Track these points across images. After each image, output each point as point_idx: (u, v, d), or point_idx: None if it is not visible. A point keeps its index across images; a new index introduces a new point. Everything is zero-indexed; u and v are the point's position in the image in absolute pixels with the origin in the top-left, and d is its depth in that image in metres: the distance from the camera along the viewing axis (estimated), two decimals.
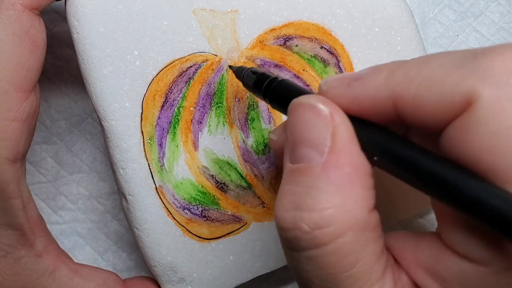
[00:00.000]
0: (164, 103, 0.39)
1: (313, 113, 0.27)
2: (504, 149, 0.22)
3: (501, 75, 0.23)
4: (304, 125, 0.27)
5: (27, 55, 0.35)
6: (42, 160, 0.49)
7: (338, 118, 0.26)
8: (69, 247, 0.48)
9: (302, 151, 0.27)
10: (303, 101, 0.27)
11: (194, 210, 0.40)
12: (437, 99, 0.24)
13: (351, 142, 0.26)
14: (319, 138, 0.26)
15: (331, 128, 0.26)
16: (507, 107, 0.22)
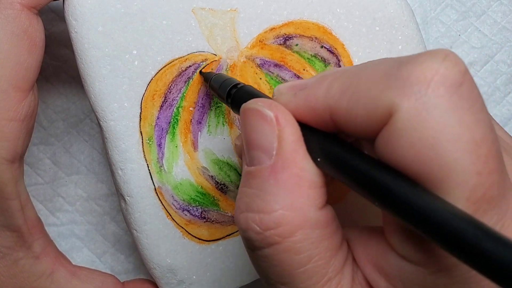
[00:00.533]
0: (163, 103, 0.39)
1: (259, 117, 0.28)
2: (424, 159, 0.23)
3: (419, 85, 0.23)
4: (252, 128, 0.28)
5: (25, 54, 0.35)
6: (39, 161, 0.49)
7: (283, 121, 0.27)
8: (66, 249, 0.48)
9: (254, 154, 0.28)
10: (250, 105, 0.28)
11: (193, 212, 0.40)
12: (363, 112, 0.25)
13: (297, 144, 0.27)
14: (267, 141, 0.27)
15: (277, 131, 0.27)
16: (425, 117, 0.23)
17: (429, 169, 0.23)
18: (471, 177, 0.23)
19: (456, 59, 0.24)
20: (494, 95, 0.49)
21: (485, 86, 0.49)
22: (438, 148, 0.23)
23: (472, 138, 0.23)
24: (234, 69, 0.40)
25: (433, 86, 0.23)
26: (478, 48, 0.49)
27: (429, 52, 0.24)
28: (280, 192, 0.26)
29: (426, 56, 0.24)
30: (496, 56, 0.49)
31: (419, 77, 0.23)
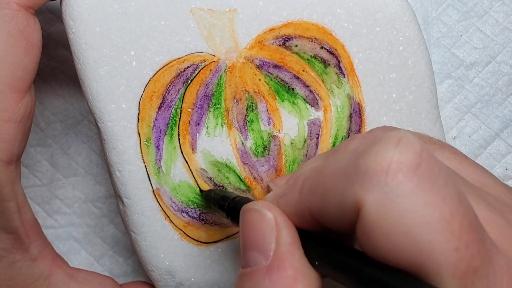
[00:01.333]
0: (161, 104, 0.39)
1: (259, 217, 0.28)
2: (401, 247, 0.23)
3: (378, 176, 0.23)
4: (251, 229, 0.28)
5: (22, 55, 0.36)
6: (37, 163, 0.49)
7: (281, 222, 0.28)
8: (64, 252, 0.48)
9: (250, 255, 0.28)
10: (250, 206, 0.29)
11: (192, 213, 0.40)
12: (335, 210, 0.25)
13: (294, 246, 0.27)
14: (264, 242, 0.27)
15: (275, 232, 0.27)
16: (391, 207, 0.23)
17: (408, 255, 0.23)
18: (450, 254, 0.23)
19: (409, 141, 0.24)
20: (496, 96, 0.49)
21: (487, 87, 0.49)
22: (411, 234, 0.23)
23: (441, 216, 0.23)
24: (233, 70, 0.40)
25: (391, 174, 0.23)
26: (479, 48, 0.49)
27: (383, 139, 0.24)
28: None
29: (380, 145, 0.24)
30: (498, 57, 0.49)
31: (376, 168, 0.23)
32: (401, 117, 0.41)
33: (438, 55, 0.49)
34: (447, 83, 0.49)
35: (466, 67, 0.49)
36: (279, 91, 0.40)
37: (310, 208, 0.27)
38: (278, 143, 0.41)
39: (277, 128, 0.40)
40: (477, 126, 0.49)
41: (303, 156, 0.41)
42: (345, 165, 0.25)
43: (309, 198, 0.27)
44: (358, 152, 0.25)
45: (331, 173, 0.26)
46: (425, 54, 0.41)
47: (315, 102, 0.41)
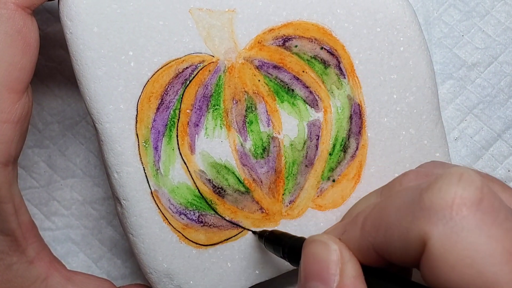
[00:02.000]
0: (160, 105, 0.39)
1: (324, 249, 0.29)
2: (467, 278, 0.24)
3: (443, 211, 0.25)
4: (315, 260, 0.29)
5: (19, 55, 0.36)
6: (34, 164, 0.49)
7: (346, 256, 0.29)
8: (62, 254, 0.48)
9: (312, 285, 0.29)
10: (316, 238, 0.30)
11: (190, 215, 0.40)
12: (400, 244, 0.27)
13: (358, 280, 0.28)
14: (328, 274, 0.28)
15: (340, 264, 0.29)
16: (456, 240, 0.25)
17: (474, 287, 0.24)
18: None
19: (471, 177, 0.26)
20: (498, 97, 0.49)
21: (489, 88, 0.49)
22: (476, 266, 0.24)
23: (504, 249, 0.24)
24: (232, 71, 0.40)
25: (455, 209, 0.25)
26: (481, 49, 0.49)
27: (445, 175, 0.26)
28: None
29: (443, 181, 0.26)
30: (500, 57, 0.49)
31: (441, 204, 0.25)
32: (402, 118, 0.41)
33: (440, 56, 0.49)
34: (448, 83, 0.49)
35: (468, 67, 0.49)
36: (278, 92, 0.40)
37: (373, 244, 0.28)
38: (277, 145, 0.41)
39: (277, 129, 0.41)
40: (479, 127, 0.49)
41: (303, 158, 0.41)
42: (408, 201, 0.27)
43: (372, 234, 0.28)
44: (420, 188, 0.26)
45: (395, 209, 0.27)
46: (426, 55, 0.41)
47: (315, 103, 0.41)
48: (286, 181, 0.41)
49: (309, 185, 0.41)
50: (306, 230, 0.41)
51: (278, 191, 0.41)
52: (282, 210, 0.41)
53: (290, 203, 0.41)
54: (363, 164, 0.41)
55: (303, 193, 0.41)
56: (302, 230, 0.41)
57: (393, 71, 0.41)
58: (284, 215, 0.41)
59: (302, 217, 0.41)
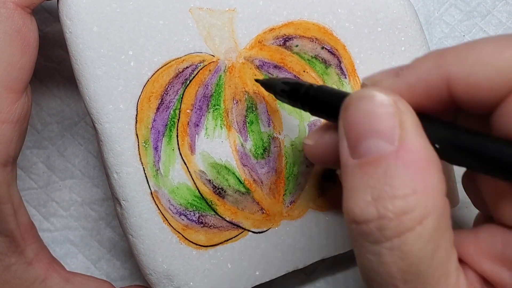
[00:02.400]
0: (160, 105, 0.39)
1: (376, 103, 0.27)
2: None
3: None
4: (367, 116, 0.28)
5: (18, 55, 0.36)
6: (33, 165, 0.49)
7: (402, 106, 0.27)
8: (61, 255, 0.48)
9: (370, 143, 0.27)
10: (363, 93, 0.28)
11: (190, 216, 0.40)
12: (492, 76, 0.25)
13: (419, 128, 0.27)
14: (387, 127, 0.27)
15: (398, 116, 0.27)
16: None
17: None
18: None
19: None
20: None
21: None
22: None
23: None
24: (233, 71, 0.40)
25: None
26: None
27: None
28: (410, 176, 0.26)
29: None
30: None
31: None
32: None
33: None
34: None
35: None
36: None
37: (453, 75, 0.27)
38: (278, 145, 0.41)
39: (277, 129, 0.41)
40: None
41: (304, 158, 0.41)
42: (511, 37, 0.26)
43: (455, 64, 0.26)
44: None
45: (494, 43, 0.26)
46: None
47: None
48: (287, 181, 0.41)
49: (310, 185, 0.41)
50: (307, 231, 0.41)
51: (279, 192, 0.41)
52: (282, 211, 0.41)
53: (291, 204, 0.41)
54: None
55: (304, 194, 0.41)
56: (303, 231, 0.41)
57: None
58: (285, 216, 0.41)
59: (303, 218, 0.41)
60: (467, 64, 0.26)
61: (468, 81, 0.26)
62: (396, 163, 0.26)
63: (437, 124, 0.28)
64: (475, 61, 0.26)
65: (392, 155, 0.27)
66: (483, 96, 0.26)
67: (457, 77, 0.26)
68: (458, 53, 0.27)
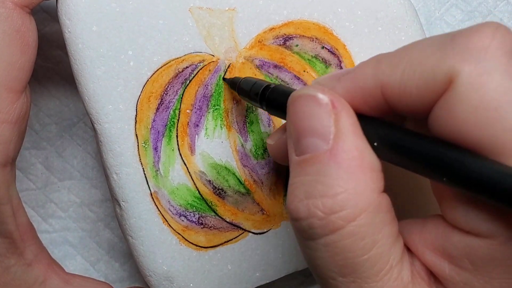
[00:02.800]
0: (160, 105, 0.39)
1: (314, 102, 0.28)
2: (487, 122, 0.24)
3: (478, 50, 0.25)
4: (306, 115, 0.28)
5: (18, 55, 0.36)
6: (31, 166, 0.49)
7: (339, 104, 0.28)
8: (59, 257, 0.48)
9: (307, 141, 0.28)
10: (302, 92, 0.29)
11: (190, 217, 0.40)
12: (421, 81, 0.26)
13: (355, 127, 0.28)
14: (322, 126, 0.28)
15: (333, 115, 0.28)
16: (486, 81, 0.24)
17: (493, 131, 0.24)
18: None
19: (507, 29, 0.26)
20: None
21: None
22: (501, 110, 0.24)
23: None
24: (233, 70, 0.40)
25: (491, 51, 0.25)
26: None
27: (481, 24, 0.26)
28: (342, 175, 0.27)
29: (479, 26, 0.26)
30: None
31: (477, 43, 0.25)
32: None
33: None
34: None
35: None
36: None
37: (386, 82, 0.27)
38: None
39: None
40: None
41: None
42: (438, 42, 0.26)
43: (387, 73, 0.27)
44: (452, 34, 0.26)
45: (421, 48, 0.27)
46: None
47: None
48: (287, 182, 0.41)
49: None
50: None
51: (279, 193, 0.41)
52: (283, 212, 0.41)
53: None
54: None
55: None
56: None
57: None
58: (286, 217, 0.41)
59: None
60: (398, 72, 0.27)
61: (399, 89, 0.27)
62: (329, 162, 0.27)
63: (376, 123, 0.28)
64: (404, 68, 0.27)
65: (326, 154, 0.27)
66: (414, 102, 0.27)
67: (390, 85, 0.27)
68: (392, 60, 0.27)
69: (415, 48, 0.27)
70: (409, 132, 0.27)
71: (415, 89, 0.26)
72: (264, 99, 0.35)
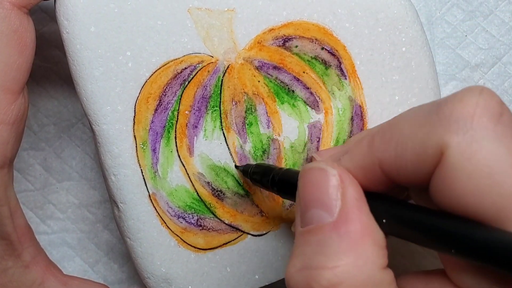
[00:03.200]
0: (158, 106, 0.39)
1: (323, 175, 0.29)
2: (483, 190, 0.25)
3: (464, 120, 0.25)
4: (314, 187, 0.29)
5: (15, 55, 0.36)
6: (29, 167, 0.49)
7: (347, 179, 0.29)
8: (58, 259, 0.48)
9: (313, 213, 0.29)
10: (313, 165, 0.30)
11: (189, 219, 0.40)
12: (414, 156, 0.27)
13: (361, 202, 0.28)
14: (329, 199, 0.28)
15: (341, 189, 0.28)
16: (476, 149, 0.25)
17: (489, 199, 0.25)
18: None
19: (491, 93, 0.26)
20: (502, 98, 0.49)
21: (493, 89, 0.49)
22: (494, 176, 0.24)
23: None
24: (232, 71, 0.40)
25: (476, 119, 0.25)
26: (485, 49, 0.50)
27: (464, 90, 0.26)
28: (343, 247, 0.27)
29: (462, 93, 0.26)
30: (504, 58, 0.49)
31: (462, 113, 0.25)
32: None
33: (442, 56, 0.50)
34: (451, 85, 0.50)
35: (471, 68, 0.49)
36: (278, 93, 0.40)
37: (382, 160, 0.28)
38: (277, 147, 0.41)
39: (277, 131, 0.41)
40: None
41: (303, 160, 0.41)
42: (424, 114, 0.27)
43: (381, 150, 0.28)
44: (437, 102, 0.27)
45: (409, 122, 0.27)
46: (428, 55, 0.41)
47: (315, 104, 0.41)
48: None
49: None
50: None
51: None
52: (282, 214, 0.41)
53: (291, 206, 0.41)
54: None
55: None
56: None
57: (395, 72, 0.41)
58: (285, 219, 0.41)
59: None
60: (391, 149, 0.28)
61: (395, 164, 0.28)
62: (332, 234, 0.27)
63: (383, 200, 0.29)
64: (396, 144, 0.27)
65: (330, 225, 0.28)
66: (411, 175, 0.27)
67: (386, 161, 0.28)
68: (384, 136, 0.28)
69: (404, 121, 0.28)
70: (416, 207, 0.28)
71: (409, 163, 0.27)
72: (275, 183, 0.36)
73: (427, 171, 0.26)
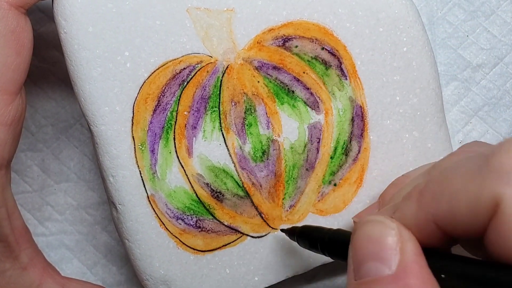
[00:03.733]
0: (157, 107, 0.39)
1: (382, 228, 0.29)
2: None
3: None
4: (372, 240, 0.29)
5: (13, 56, 0.36)
6: (27, 168, 0.49)
7: (405, 234, 0.29)
8: (56, 260, 0.48)
9: (370, 265, 0.29)
10: (372, 218, 0.30)
11: (188, 220, 0.40)
12: (468, 210, 0.27)
13: (419, 257, 0.29)
14: (387, 252, 0.29)
15: (400, 243, 0.29)
16: None
17: None
18: None
19: None
20: (504, 99, 0.49)
21: (494, 90, 0.49)
22: None
23: None
24: (231, 72, 0.40)
25: None
26: (487, 49, 0.50)
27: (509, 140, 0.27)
28: None
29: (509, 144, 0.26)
30: (506, 58, 0.49)
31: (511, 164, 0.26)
32: (405, 121, 0.41)
33: (444, 56, 0.50)
34: (453, 85, 0.50)
35: (473, 68, 0.49)
36: (278, 94, 0.40)
37: (435, 216, 0.28)
38: (277, 148, 0.41)
39: (277, 132, 0.41)
40: (484, 130, 0.49)
41: (303, 161, 0.41)
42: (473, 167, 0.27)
43: (433, 206, 0.28)
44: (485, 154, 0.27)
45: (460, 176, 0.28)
46: (430, 55, 0.42)
47: (315, 105, 0.41)
48: (286, 185, 0.41)
49: (310, 189, 0.41)
50: None
51: (278, 196, 0.41)
52: (282, 215, 0.41)
53: (290, 208, 0.41)
54: (365, 167, 0.42)
55: (304, 198, 0.41)
56: None
57: (396, 72, 0.41)
58: (284, 220, 0.41)
59: (302, 222, 0.41)
60: (444, 203, 0.28)
61: (449, 218, 0.28)
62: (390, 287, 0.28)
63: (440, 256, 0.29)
64: (449, 198, 0.28)
65: (389, 278, 0.28)
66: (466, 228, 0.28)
67: (439, 216, 0.28)
68: (434, 192, 0.29)
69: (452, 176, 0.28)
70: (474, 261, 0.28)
71: (464, 216, 0.27)
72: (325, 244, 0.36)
73: (482, 224, 0.27)
